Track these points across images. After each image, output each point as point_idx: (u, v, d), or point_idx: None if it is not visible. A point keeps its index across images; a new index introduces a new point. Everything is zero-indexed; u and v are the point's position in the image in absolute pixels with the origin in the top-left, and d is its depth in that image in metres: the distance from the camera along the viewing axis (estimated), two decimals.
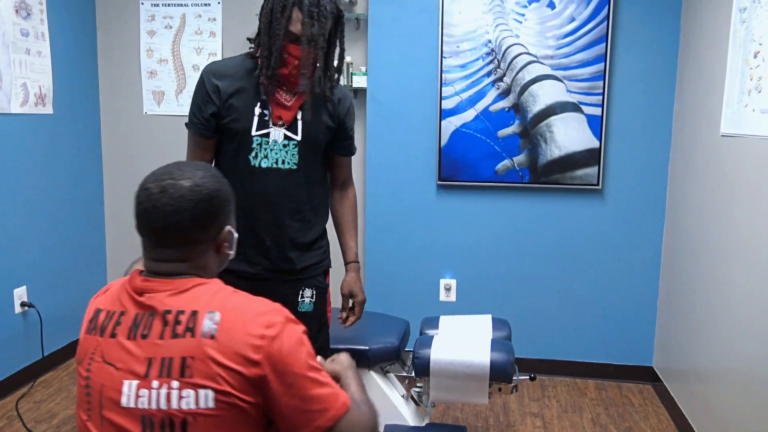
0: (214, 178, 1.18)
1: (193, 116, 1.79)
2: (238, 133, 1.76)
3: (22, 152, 3.09)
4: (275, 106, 1.77)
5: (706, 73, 2.67)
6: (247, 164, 1.77)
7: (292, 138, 1.80)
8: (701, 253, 2.66)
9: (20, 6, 3.01)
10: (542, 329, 3.34)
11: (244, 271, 1.83)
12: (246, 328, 1.06)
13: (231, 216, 1.21)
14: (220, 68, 1.79)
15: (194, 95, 1.80)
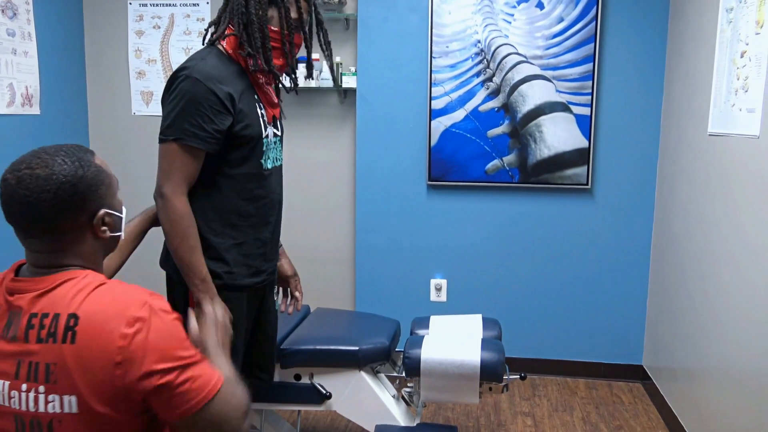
0: (77, 163, 1.12)
1: (199, 130, 1.56)
2: (252, 139, 1.66)
3: (9, 153, 3.04)
4: (266, 105, 1.74)
5: (694, 73, 2.68)
6: (260, 168, 1.71)
7: (278, 133, 1.81)
8: (689, 252, 2.67)
9: (6, 6, 2.98)
10: (532, 328, 3.35)
11: (253, 283, 1.78)
12: (106, 329, 1.03)
13: (106, 198, 1.16)
14: (215, 73, 1.59)
15: (194, 107, 1.56)
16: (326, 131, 3.48)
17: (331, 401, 2.26)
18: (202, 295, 1.61)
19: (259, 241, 1.76)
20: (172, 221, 1.58)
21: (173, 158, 1.58)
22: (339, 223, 3.53)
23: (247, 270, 1.74)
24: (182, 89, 1.57)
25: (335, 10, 3.29)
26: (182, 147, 1.57)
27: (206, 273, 1.62)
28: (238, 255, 1.71)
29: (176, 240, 1.59)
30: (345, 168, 3.49)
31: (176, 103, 1.57)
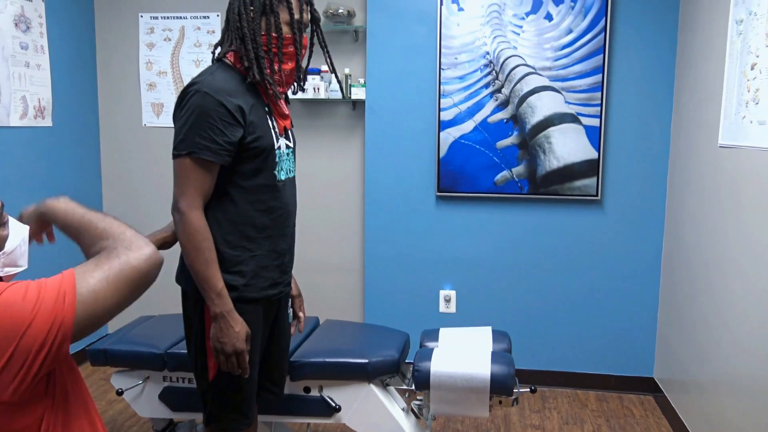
0: None
1: (211, 143, 1.57)
2: (263, 150, 1.66)
3: (22, 165, 3.09)
4: (277, 116, 1.75)
5: (704, 84, 2.68)
6: (273, 180, 1.71)
7: (290, 144, 1.81)
8: (701, 263, 2.66)
9: (20, 19, 3.02)
10: (542, 340, 3.33)
11: (269, 295, 1.77)
12: None
13: None
14: (225, 86, 1.60)
15: (205, 120, 1.57)
16: (335, 142, 3.49)
17: (341, 414, 2.25)
18: (218, 309, 1.61)
19: (275, 253, 1.76)
20: (188, 235, 1.59)
21: (187, 173, 1.59)
22: (348, 234, 3.53)
23: (263, 282, 1.74)
24: (192, 104, 1.58)
25: (344, 22, 3.31)
26: (195, 161, 1.58)
27: (222, 287, 1.62)
28: (255, 267, 1.71)
29: (192, 254, 1.60)
30: (354, 179, 3.50)
31: (187, 118, 1.58)
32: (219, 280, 1.62)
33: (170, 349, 2.33)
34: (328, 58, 1.85)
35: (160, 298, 3.47)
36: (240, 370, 1.67)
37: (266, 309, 1.80)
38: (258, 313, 1.75)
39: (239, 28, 1.64)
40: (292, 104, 3.47)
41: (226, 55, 1.69)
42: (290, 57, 1.69)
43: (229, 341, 1.62)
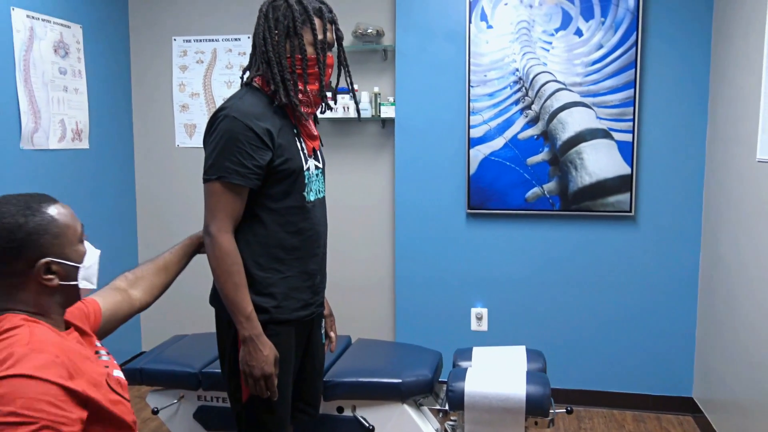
0: (23, 211, 1.18)
1: (240, 167, 1.58)
2: (292, 172, 1.67)
3: (60, 186, 3.16)
4: (305, 137, 1.76)
5: (740, 97, 2.63)
6: (303, 201, 1.71)
7: (319, 165, 1.81)
8: (740, 281, 2.59)
9: (59, 45, 3.11)
10: (577, 359, 3.28)
11: (301, 317, 1.77)
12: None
13: (52, 247, 1.19)
14: (253, 110, 1.62)
15: (234, 144, 1.58)
16: (365, 160, 3.51)
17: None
18: (247, 332, 1.62)
19: (306, 274, 1.76)
20: (218, 258, 1.61)
21: (217, 197, 1.61)
22: (378, 253, 3.54)
23: (295, 303, 1.74)
24: (221, 129, 1.60)
25: (373, 41, 3.34)
26: (224, 185, 1.60)
27: (251, 311, 1.62)
28: (286, 289, 1.72)
29: (222, 277, 1.61)
30: (384, 197, 3.51)
31: (216, 143, 1.61)
32: (248, 304, 1.62)
33: (204, 369, 2.34)
34: (348, 77, 1.86)
35: (194, 316, 3.52)
36: (269, 393, 1.66)
37: (298, 330, 1.79)
38: (290, 335, 1.75)
39: (264, 52, 1.66)
40: (322, 123, 3.50)
41: (254, 79, 1.71)
42: (315, 77, 1.70)
43: (258, 365, 1.62)
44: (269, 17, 1.67)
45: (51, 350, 1.11)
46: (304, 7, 1.67)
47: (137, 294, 1.58)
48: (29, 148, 2.93)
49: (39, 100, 2.97)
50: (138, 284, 1.60)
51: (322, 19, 1.69)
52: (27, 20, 2.90)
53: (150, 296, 1.62)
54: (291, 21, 1.65)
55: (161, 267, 1.67)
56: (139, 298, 1.58)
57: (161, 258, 1.69)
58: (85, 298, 1.45)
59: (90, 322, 1.41)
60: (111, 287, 1.57)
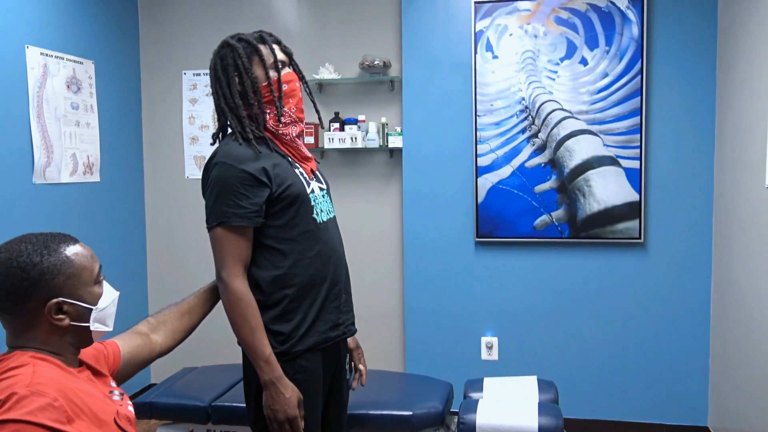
0: (39, 251, 1.19)
1: (237, 209, 1.59)
2: (297, 196, 1.67)
3: (71, 219, 3.19)
4: (300, 161, 1.76)
5: (747, 124, 2.63)
6: (314, 222, 1.72)
7: (323, 186, 1.82)
8: (753, 307, 2.57)
9: (71, 81, 3.16)
10: (589, 388, 3.24)
11: (333, 338, 1.75)
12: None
13: (65, 288, 1.21)
14: (242, 153, 1.63)
15: (228, 189, 1.59)
16: (373, 190, 3.53)
17: None
18: (267, 376, 1.61)
19: (332, 295, 1.75)
20: (232, 303, 1.61)
21: (222, 243, 1.62)
22: (387, 282, 3.53)
23: (323, 325, 1.72)
24: (213, 177, 1.63)
25: (380, 73, 3.38)
26: (226, 229, 1.61)
27: (270, 353, 1.61)
28: (314, 312, 1.70)
29: (238, 322, 1.61)
30: (392, 226, 3.52)
31: (212, 191, 1.63)
32: (266, 347, 1.61)
33: (214, 402, 2.34)
34: (307, 88, 1.86)
35: (204, 349, 3.51)
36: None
37: (326, 357, 1.76)
38: (317, 363, 1.72)
39: (222, 102, 1.69)
40: (330, 153, 3.53)
41: (228, 132, 1.73)
42: (286, 96, 1.72)
43: (281, 408, 1.60)
44: (218, 69, 1.70)
45: (51, 393, 1.11)
46: (246, 42, 1.70)
47: (158, 338, 1.57)
48: (41, 182, 2.97)
49: (51, 134, 3.02)
50: (160, 328, 1.59)
51: (266, 44, 1.71)
52: (41, 57, 2.96)
53: (172, 340, 1.61)
54: (240, 59, 1.67)
55: (185, 311, 1.66)
56: (160, 343, 1.57)
57: (185, 302, 1.68)
58: (106, 341, 1.45)
59: (108, 364, 1.41)
60: (132, 331, 1.57)
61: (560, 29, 3.12)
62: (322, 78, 3.42)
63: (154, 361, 1.59)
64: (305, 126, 3.44)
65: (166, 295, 3.79)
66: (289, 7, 3.60)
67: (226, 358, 3.24)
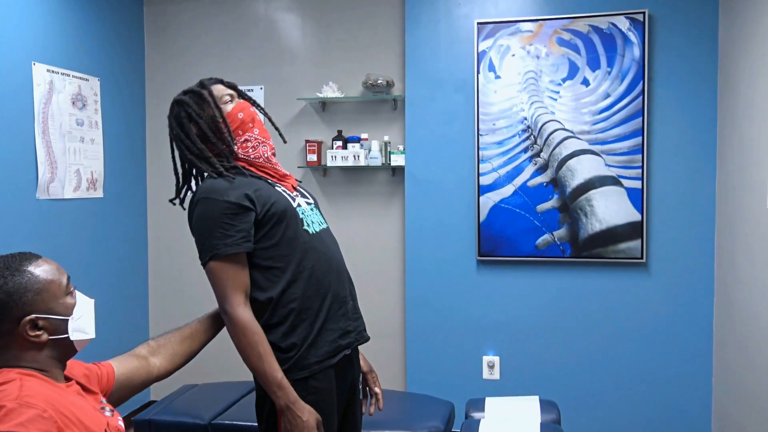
0: (3, 272, 1.20)
1: (224, 239, 1.61)
2: (283, 212, 1.68)
3: (74, 235, 3.20)
4: (279, 180, 1.78)
5: (749, 145, 2.65)
6: (307, 234, 1.72)
7: (309, 201, 1.83)
8: (756, 328, 2.56)
9: (77, 98, 3.19)
10: (591, 409, 3.22)
11: (341, 347, 1.73)
12: None
13: (36, 304, 1.21)
14: (221, 185, 1.66)
15: (212, 222, 1.61)
16: (376, 208, 3.53)
17: None
18: (282, 401, 1.60)
19: (337, 303, 1.75)
20: (238, 334, 1.61)
21: (217, 275, 1.63)
22: (388, 300, 3.52)
23: (332, 335, 1.71)
24: (197, 214, 1.66)
25: (383, 92, 3.40)
26: (219, 261, 1.62)
27: (281, 377, 1.60)
28: (321, 322, 1.70)
29: (246, 351, 1.61)
30: (394, 244, 3.52)
31: (198, 228, 1.65)
32: (277, 371, 1.60)
33: (214, 420, 2.32)
34: (262, 111, 1.89)
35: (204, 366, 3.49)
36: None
37: (340, 374, 1.74)
38: (329, 383, 1.70)
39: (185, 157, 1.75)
40: (333, 171, 3.55)
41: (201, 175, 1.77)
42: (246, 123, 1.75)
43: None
44: (174, 127, 1.77)
45: (39, 405, 1.12)
46: (191, 92, 1.76)
47: (157, 362, 1.57)
48: (45, 197, 2.98)
49: (56, 150, 3.04)
50: (159, 352, 1.59)
51: (208, 87, 1.76)
52: (47, 74, 2.99)
53: (171, 364, 1.60)
54: (191, 108, 1.72)
55: (186, 336, 1.65)
56: (159, 366, 1.57)
57: (187, 327, 1.68)
58: (101, 362, 1.45)
59: (101, 385, 1.41)
60: (131, 353, 1.57)
61: (562, 50, 3.15)
62: (325, 96, 3.45)
63: (151, 384, 1.58)
64: (308, 144, 3.47)
65: (167, 312, 3.78)
66: (293, 26, 3.64)
67: (226, 375, 3.23)
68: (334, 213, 3.50)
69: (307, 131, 3.57)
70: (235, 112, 1.74)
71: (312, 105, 3.58)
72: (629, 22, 3.07)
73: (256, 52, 3.65)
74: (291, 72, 3.61)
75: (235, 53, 3.69)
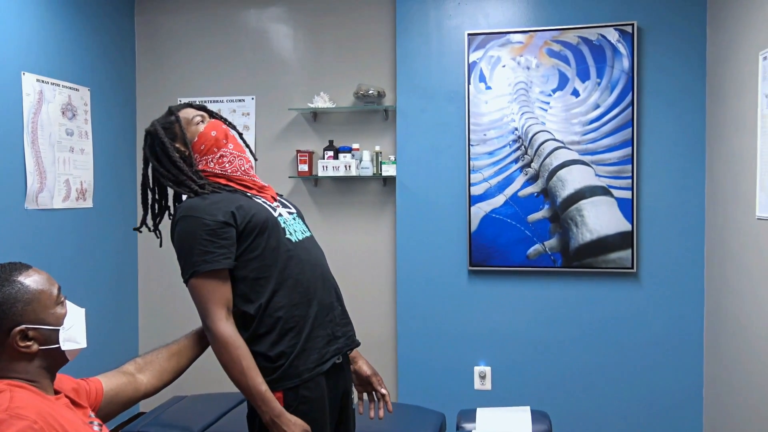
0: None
1: (204, 255, 1.62)
2: (264, 222, 1.69)
3: (63, 245, 3.18)
4: (258, 192, 1.79)
5: (737, 156, 2.67)
6: (290, 243, 1.73)
7: (291, 211, 1.84)
8: (745, 337, 2.57)
9: (67, 108, 3.18)
10: (583, 419, 3.21)
11: (333, 352, 1.72)
12: None
13: (25, 315, 1.21)
14: (200, 204, 1.68)
15: (192, 239, 1.63)
16: (367, 218, 3.53)
17: None
18: (267, 416, 1.59)
19: (324, 310, 1.74)
20: (220, 349, 1.61)
21: (199, 292, 1.63)
22: (380, 311, 3.52)
23: (321, 341, 1.71)
24: (178, 232, 1.68)
25: (375, 102, 3.41)
26: (200, 278, 1.63)
27: (265, 391, 1.60)
28: (309, 327, 1.69)
29: (229, 366, 1.61)
30: (385, 255, 3.51)
31: (179, 247, 1.67)
32: (260, 384, 1.60)
33: None
34: (235, 130, 1.91)
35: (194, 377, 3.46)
36: None
37: (331, 382, 1.73)
38: (321, 392, 1.69)
39: (164, 183, 1.78)
40: (324, 181, 3.55)
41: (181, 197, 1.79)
42: (219, 140, 1.77)
43: None
44: (149, 156, 1.79)
45: (30, 416, 1.11)
46: (161, 120, 1.79)
47: (144, 378, 1.56)
48: (33, 207, 2.96)
49: (45, 160, 3.02)
50: (147, 369, 1.58)
51: (175, 113, 1.79)
52: (37, 84, 2.98)
53: (158, 381, 1.59)
54: (163, 137, 1.75)
55: (174, 352, 1.65)
56: (146, 383, 1.56)
57: (175, 344, 1.67)
58: (89, 378, 1.44)
59: (90, 400, 1.39)
60: (118, 370, 1.55)
61: (552, 61, 3.17)
62: (316, 107, 3.45)
63: (139, 401, 1.57)
64: (299, 154, 3.47)
65: (157, 323, 3.75)
66: (285, 36, 3.64)
67: (216, 387, 3.20)
68: (325, 223, 3.50)
69: (299, 141, 3.58)
70: (207, 132, 1.77)
71: (303, 115, 3.58)
72: (618, 33, 3.10)
73: (247, 62, 3.66)
74: (282, 82, 3.62)
75: (227, 63, 3.69)
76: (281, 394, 1.63)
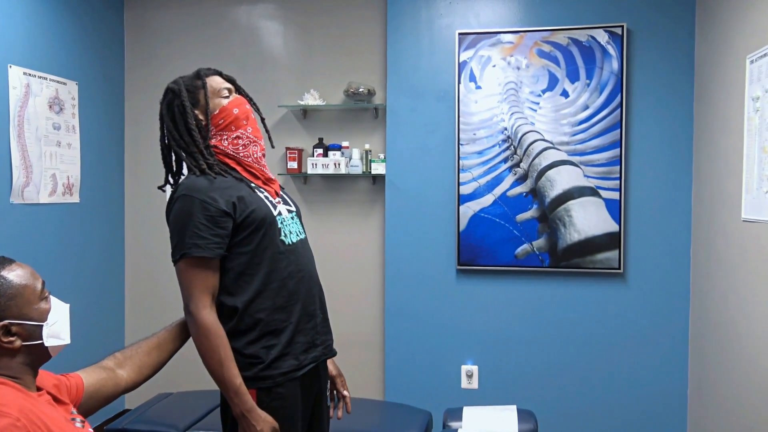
0: None
1: (198, 240, 1.58)
2: (262, 220, 1.66)
3: (49, 240, 3.15)
4: (263, 184, 1.76)
5: (724, 158, 2.69)
6: (283, 245, 1.70)
7: (291, 209, 1.81)
8: (730, 338, 2.59)
9: (54, 102, 3.15)
10: (568, 418, 3.23)
11: (310, 360, 1.71)
12: None
13: (8, 310, 1.20)
14: (203, 184, 1.63)
15: (189, 221, 1.58)
16: (356, 217, 3.53)
17: None
18: (238, 409, 1.58)
19: (306, 316, 1.73)
20: (200, 336, 1.59)
21: (186, 275, 1.61)
22: (368, 309, 3.51)
23: (299, 348, 1.70)
24: (175, 210, 1.63)
25: (364, 100, 3.41)
26: (189, 261, 1.59)
27: (239, 385, 1.59)
28: (289, 333, 1.68)
29: (206, 354, 1.59)
30: (374, 253, 3.51)
31: (174, 225, 1.63)
32: (235, 377, 1.59)
33: (188, 429, 2.29)
34: (257, 110, 1.86)
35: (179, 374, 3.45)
36: None
37: (305, 384, 1.73)
38: (295, 391, 1.69)
39: (170, 147, 1.73)
40: (313, 179, 3.54)
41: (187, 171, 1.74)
42: (240, 119, 1.73)
43: None
44: (164, 115, 1.73)
45: (12, 414, 1.10)
46: (188, 79, 1.73)
47: (124, 373, 1.54)
48: (19, 202, 2.93)
49: (32, 154, 2.99)
50: (126, 363, 1.56)
51: (206, 77, 1.74)
52: (23, 77, 2.95)
53: (138, 375, 1.57)
54: (185, 100, 1.69)
55: (153, 346, 1.62)
56: (126, 378, 1.54)
57: (155, 336, 1.65)
58: (69, 374, 1.43)
59: (71, 396, 1.38)
60: (98, 365, 1.54)
61: (542, 62, 3.18)
62: (306, 104, 3.44)
63: (120, 396, 1.55)
64: (289, 151, 3.46)
65: (143, 318, 3.73)
66: (275, 33, 3.63)
67: (201, 384, 3.18)
68: (314, 221, 3.49)
69: (288, 138, 3.56)
70: (230, 107, 1.72)
71: (293, 112, 3.57)
72: (608, 35, 3.11)
73: (237, 58, 3.64)
74: (272, 79, 3.60)
75: (216, 59, 3.67)
76: (255, 391, 1.63)
